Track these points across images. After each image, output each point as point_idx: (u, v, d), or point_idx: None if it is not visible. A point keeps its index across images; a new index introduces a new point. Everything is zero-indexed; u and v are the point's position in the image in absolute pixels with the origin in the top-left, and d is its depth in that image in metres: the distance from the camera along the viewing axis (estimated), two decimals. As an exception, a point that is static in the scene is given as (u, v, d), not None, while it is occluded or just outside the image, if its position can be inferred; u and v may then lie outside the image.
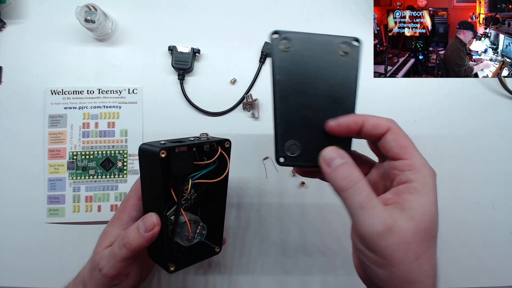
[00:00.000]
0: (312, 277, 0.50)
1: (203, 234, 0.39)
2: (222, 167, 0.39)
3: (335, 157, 0.28)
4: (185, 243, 0.38)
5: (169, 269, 0.36)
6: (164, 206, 0.35)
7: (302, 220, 0.50)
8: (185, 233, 0.37)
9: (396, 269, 0.26)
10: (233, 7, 0.52)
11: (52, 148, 0.49)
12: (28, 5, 0.50)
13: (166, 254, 0.36)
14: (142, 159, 0.36)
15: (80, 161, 0.49)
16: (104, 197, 0.49)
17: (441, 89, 0.53)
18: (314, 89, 0.32)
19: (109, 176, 0.49)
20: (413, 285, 0.26)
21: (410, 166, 0.28)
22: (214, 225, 0.41)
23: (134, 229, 0.34)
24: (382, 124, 0.29)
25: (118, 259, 0.34)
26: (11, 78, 0.49)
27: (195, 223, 0.38)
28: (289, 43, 0.31)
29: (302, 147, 0.32)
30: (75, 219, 0.48)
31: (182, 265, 0.38)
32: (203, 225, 0.39)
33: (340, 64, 0.32)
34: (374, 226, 0.25)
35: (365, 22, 0.52)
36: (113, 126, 0.49)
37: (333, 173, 0.28)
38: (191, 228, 0.37)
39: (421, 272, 0.26)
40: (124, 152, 0.49)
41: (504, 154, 0.52)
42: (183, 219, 0.37)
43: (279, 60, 0.31)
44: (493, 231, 0.51)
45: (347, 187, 0.27)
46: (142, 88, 0.50)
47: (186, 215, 0.37)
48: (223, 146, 0.38)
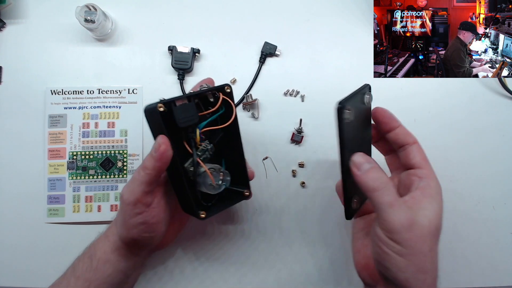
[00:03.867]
0: (312, 277, 0.50)
1: (228, 180, 0.39)
2: (230, 114, 0.39)
3: (363, 162, 0.33)
4: (211, 191, 0.38)
5: (199, 216, 0.37)
6: (178, 159, 0.36)
7: (302, 220, 0.50)
8: (208, 182, 0.37)
9: (414, 258, 0.31)
10: (233, 7, 0.52)
11: (52, 148, 0.49)
12: (28, 5, 0.50)
13: (193, 203, 0.37)
14: (148, 120, 0.36)
15: (80, 161, 0.49)
16: (104, 197, 0.49)
17: (441, 89, 0.53)
18: (358, 140, 0.37)
19: (109, 176, 0.49)
20: (426, 274, 0.31)
21: (428, 175, 0.35)
22: (239, 172, 0.41)
23: (148, 154, 0.35)
24: (412, 136, 0.37)
25: (136, 183, 0.35)
26: (11, 78, 0.49)
27: (216, 171, 0.38)
28: (351, 113, 0.34)
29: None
30: (75, 219, 0.48)
31: (213, 212, 0.39)
32: (225, 171, 0.39)
33: (364, 112, 0.38)
34: (401, 221, 0.30)
35: (365, 22, 0.52)
36: (113, 126, 0.49)
37: (363, 175, 0.32)
38: (213, 176, 0.37)
39: (432, 263, 0.32)
40: (124, 152, 0.49)
41: (504, 154, 0.52)
42: (202, 169, 0.37)
43: (346, 132, 0.34)
44: (493, 231, 0.51)
45: (378, 188, 0.31)
46: (142, 88, 0.50)
47: (206, 165, 0.38)
48: (224, 92, 0.38)
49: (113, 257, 0.38)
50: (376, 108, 0.38)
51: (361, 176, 0.32)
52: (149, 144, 0.49)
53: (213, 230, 0.50)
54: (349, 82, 0.52)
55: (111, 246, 0.38)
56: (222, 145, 0.41)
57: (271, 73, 0.51)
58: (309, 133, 0.51)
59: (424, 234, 0.31)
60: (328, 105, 0.51)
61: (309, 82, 0.51)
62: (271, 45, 0.51)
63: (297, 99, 0.51)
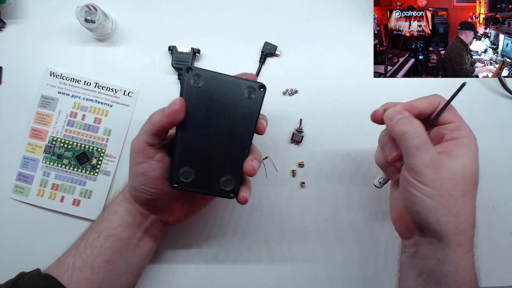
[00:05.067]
0: (311, 277, 0.50)
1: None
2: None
3: (396, 113, 0.34)
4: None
5: (172, 184, 0.36)
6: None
7: (302, 220, 0.50)
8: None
9: (444, 200, 0.31)
10: (233, 7, 0.52)
11: (35, 128, 0.49)
12: (28, 5, 0.50)
13: (173, 170, 0.36)
14: (183, 78, 0.36)
15: (58, 148, 0.49)
16: (70, 189, 0.49)
17: (441, 89, 0.52)
18: (216, 124, 0.36)
19: (81, 170, 0.49)
20: (458, 218, 0.31)
21: (459, 127, 0.34)
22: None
23: (160, 109, 0.36)
24: (434, 101, 0.36)
25: (141, 132, 0.36)
26: (11, 78, 0.49)
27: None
28: (200, 80, 0.35)
29: (195, 174, 0.36)
30: (36, 203, 0.48)
31: (186, 187, 0.37)
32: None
33: (244, 105, 0.36)
34: (426, 162, 0.31)
35: (365, 22, 0.52)
36: (99, 122, 0.49)
37: (395, 123, 0.33)
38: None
39: (466, 208, 0.31)
40: (102, 151, 0.49)
41: (504, 154, 0.52)
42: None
43: (187, 93, 0.35)
44: (493, 231, 0.51)
45: (407, 130, 0.32)
46: (138, 92, 0.50)
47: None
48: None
49: (120, 209, 0.40)
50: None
51: (393, 125, 0.33)
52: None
53: (213, 230, 0.50)
54: (349, 82, 0.52)
55: (120, 196, 0.41)
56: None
57: (271, 73, 0.51)
58: (309, 133, 0.51)
59: (455, 177, 0.31)
60: (328, 105, 0.51)
61: (309, 82, 0.51)
62: (271, 45, 0.51)
63: (297, 99, 0.51)
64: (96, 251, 0.39)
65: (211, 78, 0.36)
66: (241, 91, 0.36)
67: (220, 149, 0.37)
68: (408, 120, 0.33)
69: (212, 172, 0.37)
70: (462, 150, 0.33)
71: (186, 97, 0.35)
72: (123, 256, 0.40)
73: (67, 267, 0.38)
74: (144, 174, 0.37)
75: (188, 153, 0.36)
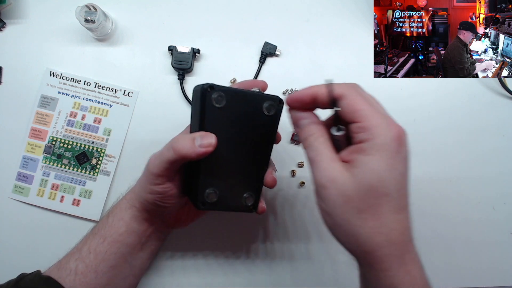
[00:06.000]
0: (311, 277, 0.50)
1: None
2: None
3: (300, 118, 0.32)
4: None
5: (200, 206, 0.35)
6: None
7: (301, 220, 0.50)
8: None
9: (338, 219, 0.28)
10: (233, 7, 0.52)
11: (35, 128, 0.49)
12: (28, 5, 0.50)
13: (198, 193, 0.35)
14: (203, 103, 0.34)
15: (58, 148, 0.49)
16: (70, 189, 0.49)
17: (441, 89, 0.53)
18: (237, 143, 0.35)
19: (81, 170, 0.49)
20: (358, 238, 0.27)
21: (362, 128, 0.28)
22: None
23: (189, 138, 0.33)
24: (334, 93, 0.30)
25: (164, 159, 0.34)
26: (11, 78, 0.49)
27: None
28: (222, 100, 0.33)
29: (219, 194, 0.35)
30: (36, 203, 0.48)
31: (210, 207, 0.36)
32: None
33: (264, 121, 0.36)
34: (318, 178, 0.28)
35: (365, 22, 0.52)
36: (99, 122, 0.49)
37: (300, 132, 0.32)
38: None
39: (365, 227, 0.27)
40: (102, 151, 0.49)
41: (504, 154, 0.52)
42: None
43: (210, 115, 0.33)
44: (493, 231, 0.51)
45: (306, 146, 0.31)
46: (138, 92, 0.50)
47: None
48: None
49: (126, 215, 0.40)
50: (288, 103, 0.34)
51: (299, 132, 0.32)
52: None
53: (213, 230, 0.50)
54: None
55: (126, 204, 0.40)
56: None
57: (271, 73, 0.51)
58: (309, 133, 0.51)
59: (347, 194, 0.27)
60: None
61: (309, 82, 0.51)
62: (271, 45, 0.51)
63: (297, 99, 0.51)
64: (100, 257, 0.38)
65: (233, 97, 0.34)
66: (260, 107, 0.35)
67: (242, 166, 0.36)
68: (309, 131, 0.31)
69: (235, 189, 0.36)
70: (362, 159, 0.27)
71: (208, 121, 0.33)
72: (127, 261, 0.40)
73: (69, 271, 0.38)
74: (162, 193, 0.36)
75: (212, 174, 0.35)
